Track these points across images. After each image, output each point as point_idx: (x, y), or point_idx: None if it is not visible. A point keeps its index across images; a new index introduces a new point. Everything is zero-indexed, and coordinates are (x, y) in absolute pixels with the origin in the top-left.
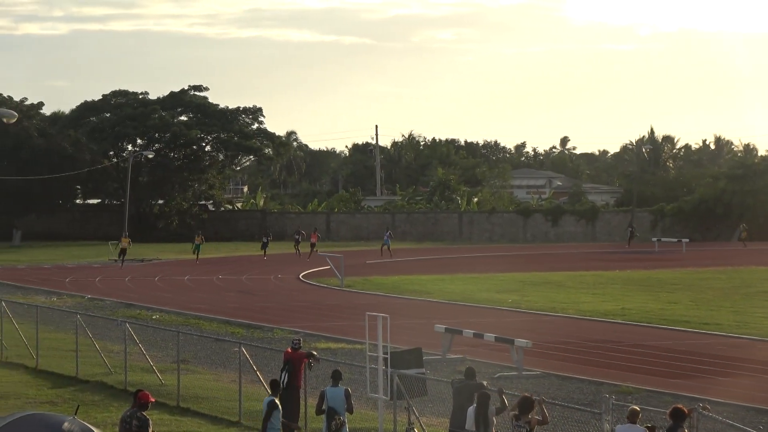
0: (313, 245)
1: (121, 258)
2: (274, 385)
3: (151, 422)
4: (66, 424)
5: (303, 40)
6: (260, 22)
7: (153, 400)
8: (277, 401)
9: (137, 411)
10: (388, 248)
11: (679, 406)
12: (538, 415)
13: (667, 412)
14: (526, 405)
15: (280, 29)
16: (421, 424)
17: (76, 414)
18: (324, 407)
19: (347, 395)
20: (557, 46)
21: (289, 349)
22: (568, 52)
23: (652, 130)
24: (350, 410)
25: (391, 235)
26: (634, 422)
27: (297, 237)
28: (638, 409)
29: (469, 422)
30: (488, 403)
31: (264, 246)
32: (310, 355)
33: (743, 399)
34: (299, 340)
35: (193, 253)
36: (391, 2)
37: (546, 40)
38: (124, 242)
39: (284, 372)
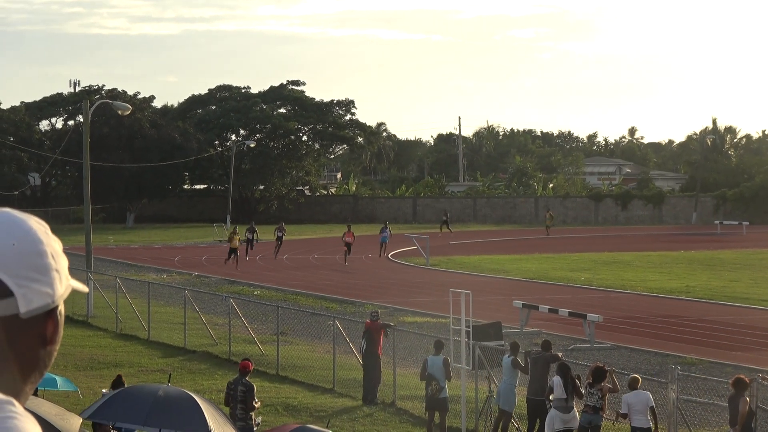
0: (348, 245)
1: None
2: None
3: (255, 387)
4: (161, 391)
5: (393, 38)
6: (354, 23)
7: (251, 368)
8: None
9: (242, 377)
10: (385, 246)
11: (742, 376)
12: (609, 384)
13: (730, 381)
14: (598, 374)
15: (372, 29)
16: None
17: (169, 382)
18: (426, 374)
19: (446, 364)
20: (626, 44)
21: (369, 321)
22: (636, 49)
23: (714, 121)
24: (449, 377)
25: (390, 232)
26: (635, 388)
27: (279, 233)
28: (638, 377)
29: (558, 389)
30: (570, 373)
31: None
32: (385, 326)
33: None
34: (377, 312)
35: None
36: (475, 3)
37: (617, 38)
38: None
39: (364, 339)
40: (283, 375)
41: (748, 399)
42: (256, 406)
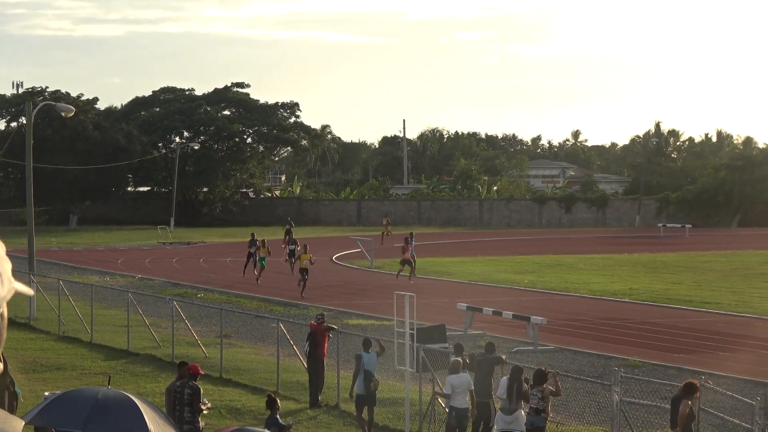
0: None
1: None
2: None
3: (202, 391)
4: (100, 394)
5: (338, 40)
6: (299, 25)
7: (203, 372)
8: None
9: (189, 381)
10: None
11: (694, 381)
12: (551, 386)
13: (681, 384)
14: (539, 377)
15: (317, 31)
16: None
17: (109, 384)
18: (363, 370)
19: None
20: (571, 47)
21: (314, 322)
22: (581, 53)
23: (658, 124)
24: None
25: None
26: (457, 372)
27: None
28: (460, 360)
29: (501, 390)
30: (521, 376)
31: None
32: (330, 328)
33: (741, 372)
34: (322, 314)
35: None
36: (420, 6)
37: (562, 42)
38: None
39: (308, 342)
40: (226, 378)
41: (690, 402)
42: (203, 408)
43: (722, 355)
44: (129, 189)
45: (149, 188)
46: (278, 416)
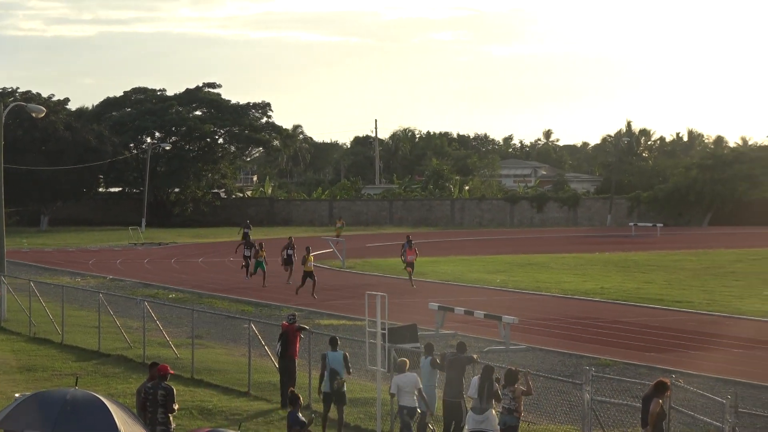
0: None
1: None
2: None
3: (175, 391)
4: (68, 395)
5: (311, 41)
6: (272, 25)
7: (172, 372)
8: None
9: (161, 381)
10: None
11: (665, 379)
12: (522, 386)
13: (652, 383)
14: (511, 376)
15: (290, 31)
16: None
17: (76, 385)
18: (328, 369)
19: (345, 359)
20: (544, 48)
21: (285, 323)
22: (553, 53)
23: (629, 123)
24: (348, 371)
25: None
26: (404, 371)
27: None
28: (406, 360)
29: (472, 390)
30: (492, 375)
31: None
32: (300, 329)
33: (712, 371)
34: (294, 314)
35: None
36: (393, 6)
37: (534, 42)
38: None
39: (279, 342)
40: (198, 378)
41: (661, 400)
42: (175, 408)
43: (693, 354)
44: (100, 190)
45: (120, 189)
46: (299, 413)
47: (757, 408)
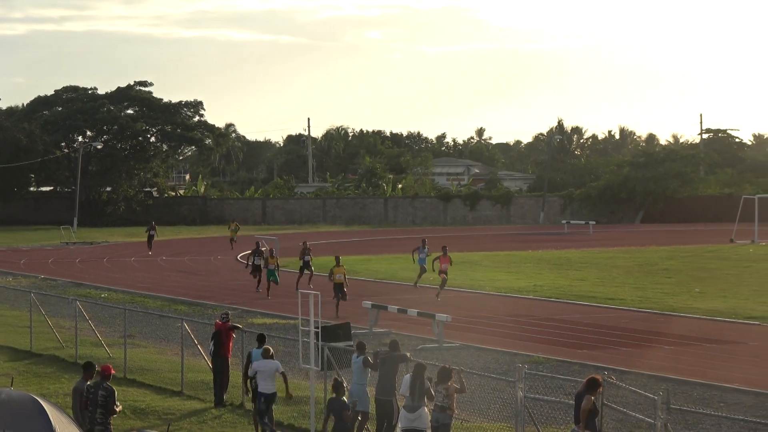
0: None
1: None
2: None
3: (116, 392)
4: (3, 395)
5: (243, 39)
6: (204, 23)
7: (113, 371)
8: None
9: (102, 382)
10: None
11: (596, 376)
12: (456, 384)
13: (585, 380)
14: (444, 374)
15: (222, 29)
16: (349, 393)
17: (11, 385)
18: (251, 369)
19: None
20: (477, 46)
21: (219, 321)
22: (486, 51)
23: (560, 121)
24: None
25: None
26: (267, 357)
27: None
28: (270, 348)
29: (404, 388)
30: (423, 373)
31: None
32: (234, 328)
33: (644, 368)
34: (227, 313)
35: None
36: (326, 4)
37: (467, 40)
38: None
39: (212, 341)
40: (130, 378)
41: (592, 397)
42: (117, 409)
43: (625, 351)
44: (31, 189)
45: (52, 188)
46: (344, 398)
47: (689, 404)
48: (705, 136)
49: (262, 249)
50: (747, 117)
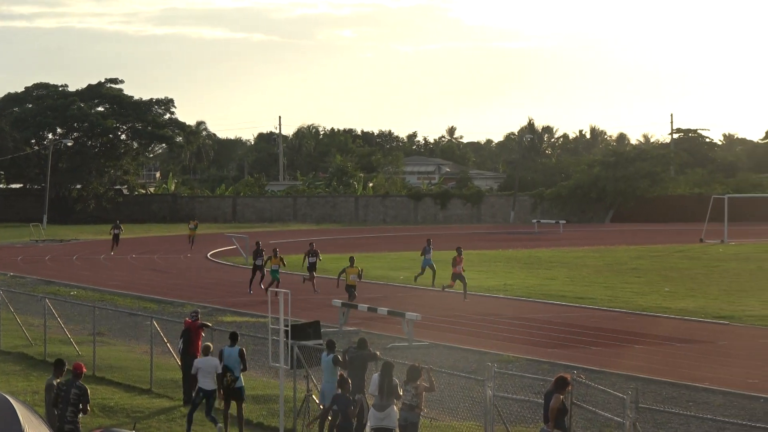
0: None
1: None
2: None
3: (89, 391)
4: None
5: (215, 37)
6: (176, 21)
7: (85, 370)
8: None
9: (75, 380)
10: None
11: (565, 375)
12: (425, 382)
13: (553, 379)
14: (413, 373)
15: (194, 27)
16: (318, 391)
17: None
18: (221, 365)
19: (241, 354)
20: (449, 44)
21: (188, 319)
22: (458, 50)
23: (530, 121)
24: (244, 368)
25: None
26: (207, 355)
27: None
28: (210, 344)
29: (373, 387)
30: (392, 372)
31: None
32: (203, 326)
33: (614, 367)
34: (197, 311)
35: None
36: (298, 2)
37: (439, 39)
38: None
39: (182, 339)
40: (99, 376)
41: (561, 396)
42: (88, 409)
43: (595, 350)
44: (1, 186)
45: (22, 185)
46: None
47: (658, 403)
48: (675, 135)
49: (262, 249)
50: (717, 117)
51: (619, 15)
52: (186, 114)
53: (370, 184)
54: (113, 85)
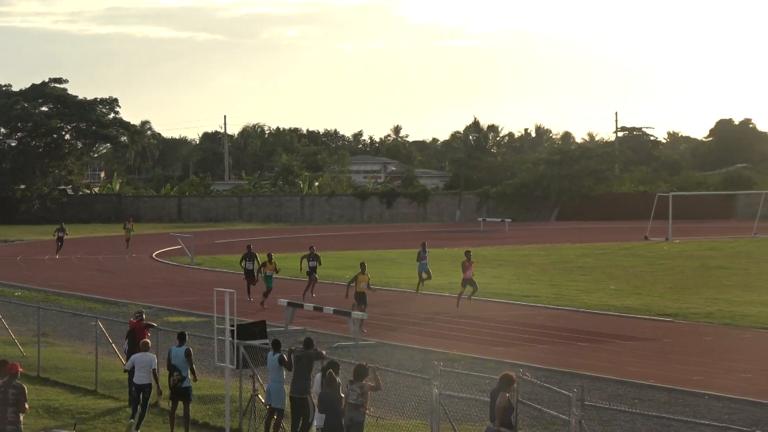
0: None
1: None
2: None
3: (26, 390)
4: None
5: (159, 36)
6: (120, 20)
7: (21, 369)
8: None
9: (11, 380)
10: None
11: (510, 373)
12: (371, 381)
13: (498, 377)
14: (360, 372)
15: (138, 26)
16: (264, 391)
17: None
18: (169, 364)
19: (188, 354)
20: (394, 43)
21: (133, 320)
22: (403, 48)
23: (475, 119)
24: (191, 367)
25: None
26: (145, 351)
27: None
28: (148, 341)
29: (317, 386)
30: (336, 369)
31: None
32: (148, 326)
33: (559, 365)
34: (141, 311)
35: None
36: (243, 1)
37: (384, 38)
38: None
39: (127, 340)
40: (44, 377)
41: (507, 394)
42: (26, 408)
43: (541, 348)
44: None
45: None
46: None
47: (603, 401)
48: (620, 134)
49: (255, 253)
50: (662, 115)
51: (563, 13)
52: (130, 113)
53: (316, 184)
54: (57, 85)
